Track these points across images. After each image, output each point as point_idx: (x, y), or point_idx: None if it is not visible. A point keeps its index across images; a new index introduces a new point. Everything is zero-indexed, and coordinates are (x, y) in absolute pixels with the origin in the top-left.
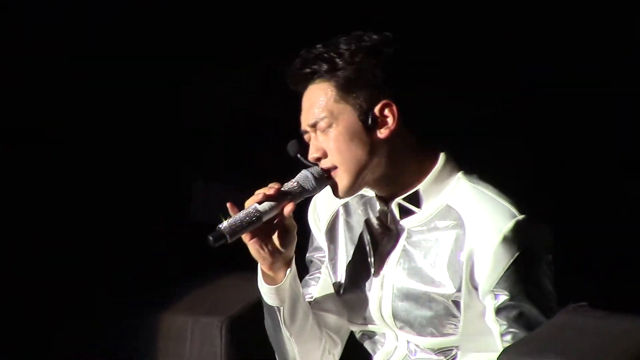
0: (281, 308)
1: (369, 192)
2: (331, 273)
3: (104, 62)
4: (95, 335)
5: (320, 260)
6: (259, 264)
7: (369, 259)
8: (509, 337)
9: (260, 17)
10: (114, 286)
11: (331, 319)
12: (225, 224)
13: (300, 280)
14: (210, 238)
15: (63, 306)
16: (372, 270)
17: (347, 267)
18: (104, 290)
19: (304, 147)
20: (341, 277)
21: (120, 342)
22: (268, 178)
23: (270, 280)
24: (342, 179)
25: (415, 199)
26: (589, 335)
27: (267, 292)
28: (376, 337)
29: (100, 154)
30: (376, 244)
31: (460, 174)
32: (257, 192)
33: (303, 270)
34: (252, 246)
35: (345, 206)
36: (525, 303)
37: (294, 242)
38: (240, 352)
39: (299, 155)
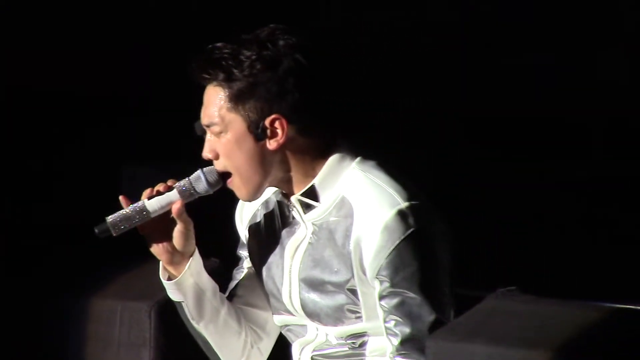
0: (184, 303)
1: None
2: (254, 268)
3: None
4: (22, 318)
5: (245, 256)
6: None
7: (281, 252)
8: (391, 324)
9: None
10: (43, 269)
11: (254, 312)
12: (112, 217)
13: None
14: (96, 230)
15: None
16: (283, 263)
17: (264, 260)
18: (32, 272)
19: None
20: (261, 266)
21: (48, 326)
22: (201, 164)
23: (170, 275)
24: (239, 188)
25: (313, 194)
26: (518, 319)
27: (167, 287)
28: (298, 329)
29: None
30: (287, 238)
31: (354, 164)
32: (148, 189)
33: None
34: (146, 239)
35: (266, 202)
36: (407, 291)
37: (191, 238)
38: (169, 336)
39: (204, 137)
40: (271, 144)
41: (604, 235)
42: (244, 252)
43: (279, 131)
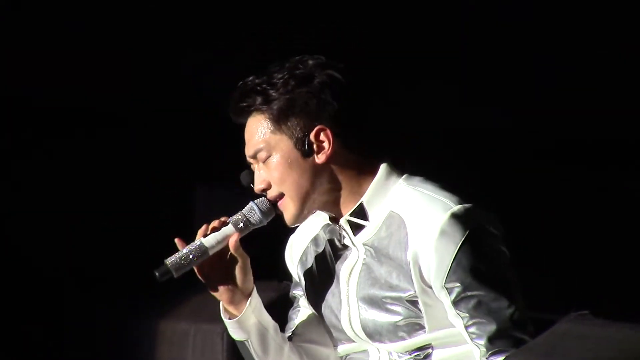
0: (248, 341)
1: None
2: (310, 305)
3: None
4: (98, 340)
5: (299, 295)
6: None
7: (337, 280)
8: (474, 328)
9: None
10: (118, 290)
11: (315, 349)
12: (171, 258)
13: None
14: (157, 274)
15: (64, 310)
16: (339, 289)
17: (320, 293)
18: (107, 295)
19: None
20: (317, 299)
21: (123, 347)
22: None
23: (231, 314)
24: (288, 207)
25: (362, 213)
26: (590, 342)
27: (229, 326)
28: (360, 356)
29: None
30: (341, 265)
31: (401, 180)
32: (203, 227)
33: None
34: (205, 280)
35: (315, 239)
36: (481, 290)
37: (249, 274)
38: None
39: (252, 185)
40: (319, 158)
41: None
42: (298, 292)
43: (326, 143)
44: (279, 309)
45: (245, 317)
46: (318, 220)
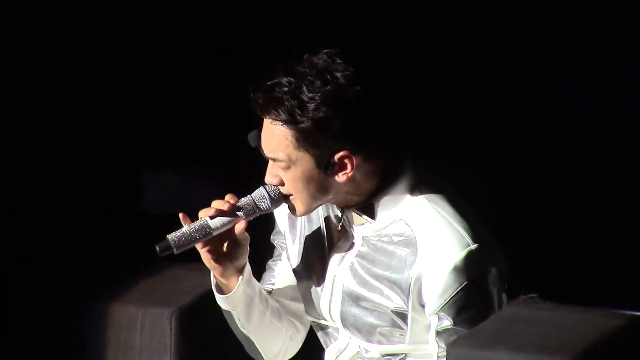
0: (234, 311)
1: None
2: (289, 260)
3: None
4: (44, 326)
5: (281, 246)
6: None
7: (324, 256)
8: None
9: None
10: (64, 275)
11: (292, 305)
12: (173, 235)
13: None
14: (157, 248)
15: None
16: (326, 268)
17: (302, 258)
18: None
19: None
20: (297, 266)
21: (70, 332)
22: (224, 169)
23: (222, 287)
24: (299, 207)
25: (370, 210)
26: (539, 326)
27: (219, 299)
28: (329, 329)
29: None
30: (332, 244)
31: (422, 197)
32: (212, 204)
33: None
34: (204, 255)
35: None
36: (466, 329)
37: (246, 253)
38: (190, 342)
39: (260, 150)
40: (340, 177)
41: (629, 242)
42: (279, 242)
43: (348, 166)
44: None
45: (236, 293)
46: None
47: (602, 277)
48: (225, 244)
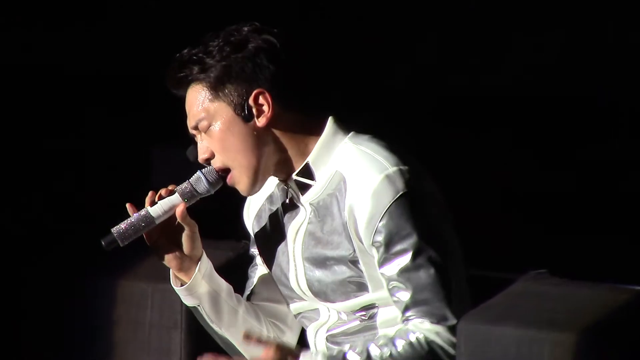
0: (200, 306)
1: None
2: (264, 263)
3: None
4: (54, 301)
5: (257, 253)
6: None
7: (284, 235)
8: (394, 292)
9: None
10: (75, 251)
11: (273, 307)
12: (117, 227)
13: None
14: (103, 243)
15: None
16: (287, 248)
17: (271, 252)
18: (63, 256)
19: None
20: (266, 255)
21: (81, 308)
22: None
23: (181, 281)
24: (240, 180)
25: (308, 172)
26: (548, 301)
27: (180, 293)
28: (311, 315)
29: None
30: (289, 224)
31: (347, 138)
32: (150, 194)
33: None
34: (153, 248)
35: (270, 197)
36: (402, 255)
37: (197, 241)
38: None
39: (199, 160)
40: (260, 121)
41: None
42: (255, 250)
43: (265, 107)
44: (238, 268)
45: (194, 284)
46: (274, 179)
47: (611, 252)
48: (176, 234)
